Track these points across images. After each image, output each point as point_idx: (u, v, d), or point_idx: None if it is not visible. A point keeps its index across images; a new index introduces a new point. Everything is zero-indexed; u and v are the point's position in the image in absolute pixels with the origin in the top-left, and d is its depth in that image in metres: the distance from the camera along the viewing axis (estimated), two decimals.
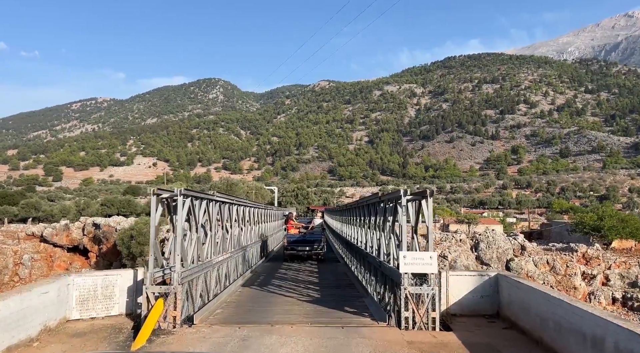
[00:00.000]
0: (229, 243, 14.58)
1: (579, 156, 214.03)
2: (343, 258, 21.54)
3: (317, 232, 25.62)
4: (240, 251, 15.95)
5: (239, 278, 15.28)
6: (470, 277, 10.50)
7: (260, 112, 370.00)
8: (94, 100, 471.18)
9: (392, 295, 10.18)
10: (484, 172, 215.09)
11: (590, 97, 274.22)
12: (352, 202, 23.61)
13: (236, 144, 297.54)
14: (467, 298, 10.40)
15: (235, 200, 15.31)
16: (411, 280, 9.19)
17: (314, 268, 20.28)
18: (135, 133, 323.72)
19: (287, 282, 15.79)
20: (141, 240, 20.96)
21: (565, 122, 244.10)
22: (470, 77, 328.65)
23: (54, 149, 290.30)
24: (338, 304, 11.59)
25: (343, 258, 21.54)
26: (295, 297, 13.02)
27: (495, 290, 10.41)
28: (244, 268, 17.03)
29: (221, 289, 12.94)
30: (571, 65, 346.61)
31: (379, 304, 11.20)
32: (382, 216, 12.05)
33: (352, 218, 20.28)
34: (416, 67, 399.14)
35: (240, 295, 13.32)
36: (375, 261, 12.41)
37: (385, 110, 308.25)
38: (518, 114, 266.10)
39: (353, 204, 18.88)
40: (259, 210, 23.18)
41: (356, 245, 17.41)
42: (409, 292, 9.07)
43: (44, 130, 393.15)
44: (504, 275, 10.41)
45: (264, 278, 17.11)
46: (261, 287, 14.78)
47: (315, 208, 78.14)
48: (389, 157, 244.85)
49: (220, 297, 12.31)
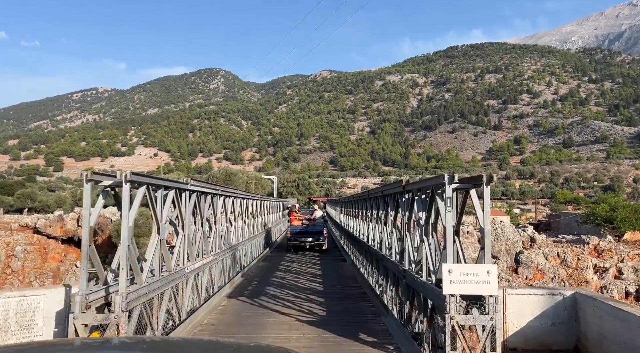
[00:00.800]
0: (212, 243, 11.80)
1: (582, 146, 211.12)
2: (349, 256, 18.84)
3: (320, 224, 26.04)
4: (228, 252, 13.08)
5: (225, 286, 12.37)
6: (536, 297, 7.60)
7: (262, 102, 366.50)
8: (95, 90, 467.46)
9: (426, 319, 7.35)
10: (486, 163, 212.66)
11: (594, 86, 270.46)
12: (361, 193, 20.89)
13: (237, 134, 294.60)
14: (532, 325, 7.53)
15: (221, 190, 12.47)
16: (459, 304, 6.32)
17: (316, 270, 17.38)
18: (136, 123, 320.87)
19: (285, 291, 12.83)
20: (137, 232, 19.12)
21: (568, 112, 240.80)
22: (472, 66, 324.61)
23: (54, 139, 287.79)
24: (350, 328, 8.57)
25: (349, 256, 18.84)
26: (294, 315, 9.95)
27: (572, 316, 7.55)
28: (234, 272, 14.22)
29: (200, 303, 10.17)
30: (575, 55, 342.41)
31: (404, 328, 8.34)
32: (406, 211, 9.01)
33: (360, 212, 17.55)
34: (418, 57, 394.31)
35: (223, 312, 10.39)
36: (396, 268, 9.29)
37: (387, 101, 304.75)
38: (521, 103, 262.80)
39: (362, 195, 16.06)
40: (254, 201, 20.44)
41: (366, 243, 14.60)
42: (458, 322, 6.20)
43: (45, 120, 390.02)
44: (588, 295, 7.46)
45: (257, 284, 14.20)
46: (252, 298, 11.78)
47: (316, 199, 75.53)
48: (391, 148, 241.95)
49: (197, 316, 9.46)
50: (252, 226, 19.01)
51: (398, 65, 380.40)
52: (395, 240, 10.29)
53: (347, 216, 23.90)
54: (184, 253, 9.38)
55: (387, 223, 11.26)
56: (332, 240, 27.55)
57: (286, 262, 20.11)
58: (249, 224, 18.34)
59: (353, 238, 19.72)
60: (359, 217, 17.84)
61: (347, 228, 23.36)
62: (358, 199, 18.83)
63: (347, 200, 25.57)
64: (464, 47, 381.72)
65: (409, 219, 8.98)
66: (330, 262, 19.48)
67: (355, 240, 18.49)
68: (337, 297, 12.21)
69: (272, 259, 21.13)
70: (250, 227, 18.55)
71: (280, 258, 21.25)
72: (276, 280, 14.49)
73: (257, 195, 25.13)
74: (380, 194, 10.90)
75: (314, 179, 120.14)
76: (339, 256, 22.21)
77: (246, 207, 17.49)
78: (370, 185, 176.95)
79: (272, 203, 28.98)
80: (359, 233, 17.70)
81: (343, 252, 22.55)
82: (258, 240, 21.18)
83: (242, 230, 16.46)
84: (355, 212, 19.69)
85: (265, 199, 26.51)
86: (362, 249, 16.24)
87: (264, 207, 24.15)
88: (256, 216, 20.61)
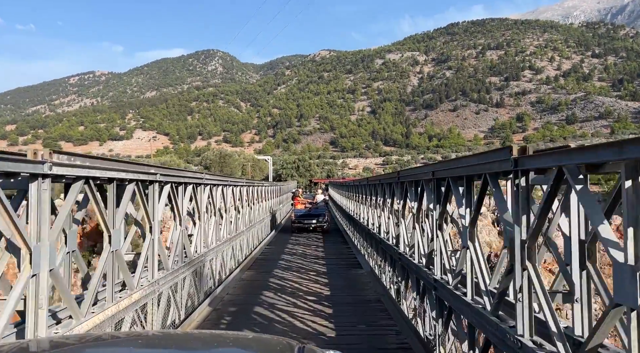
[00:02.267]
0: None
1: (586, 122, 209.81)
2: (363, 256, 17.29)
3: (321, 207, 28.16)
4: (188, 268, 8.46)
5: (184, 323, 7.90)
6: None
7: (260, 83, 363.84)
8: (92, 73, 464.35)
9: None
10: (489, 141, 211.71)
11: (597, 61, 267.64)
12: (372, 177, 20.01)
13: (236, 116, 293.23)
14: None
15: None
16: None
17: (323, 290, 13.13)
18: (134, 107, 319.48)
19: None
20: None
21: (571, 88, 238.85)
22: (474, 43, 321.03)
23: (52, 124, 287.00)
24: None
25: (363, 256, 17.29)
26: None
27: None
28: (198, 297, 9.41)
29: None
30: (577, 29, 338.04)
31: None
32: (438, 203, 6.47)
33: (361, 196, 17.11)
34: (418, 35, 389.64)
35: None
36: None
37: (387, 80, 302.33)
38: (523, 80, 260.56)
39: (372, 180, 15.18)
40: (260, 188, 19.93)
41: (366, 226, 14.88)
42: None
43: (43, 104, 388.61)
44: None
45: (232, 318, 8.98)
46: None
47: (318, 181, 74.52)
48: (392, 127, 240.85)
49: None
50: (257, 211, 19.09)
51: (398, 43, 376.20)
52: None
53: (349, 200, 23.67)
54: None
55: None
56: (333, 222, 28.77)
57: (291, 244, 20.48)
58: (255, 209, 18.23)
59: (354, 222, 19.80)
60: (360, 201, 17.84)
61: (349, 211, 23.31)
62: (359, 185, 18.76)
63: (349, 185, 25.28)
64: (464, 23, 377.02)
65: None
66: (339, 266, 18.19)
67: (357, 223, 18.61)
68: None
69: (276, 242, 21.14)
70: (256, 212, 18.66)
71: (286, 241, 21.69)
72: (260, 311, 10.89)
73: (261, 181, 25.00)
74: (396, 180, 10.42)
75: (315, 161, 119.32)
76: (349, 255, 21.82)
77: (252, 194, 17.32)
78: (372, 166, 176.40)
79: (276, 188, 30.26)
80: (359, 216, 17.86)
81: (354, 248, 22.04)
82: (265, 223, 21.87)
83: (249, 216, 16.29)
84: (356, 196, 19.54)
85: (269, 185, 27.07)
86: (362, 231, 16.51)
87: (269, 192, 24.91)
88: (261, 202, 20.39)
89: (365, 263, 14.74)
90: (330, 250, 19.01)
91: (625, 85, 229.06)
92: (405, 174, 9.25)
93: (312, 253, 17.62)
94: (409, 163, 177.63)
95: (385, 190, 11.32)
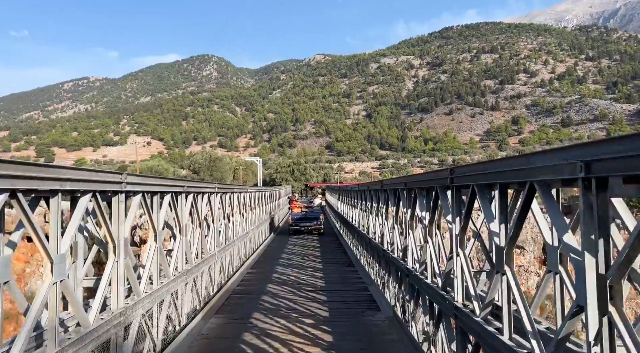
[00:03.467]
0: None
1: (581, 125, 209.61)
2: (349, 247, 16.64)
3: (317, 211, 30.05)
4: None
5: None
6: None
7: (255, 88, 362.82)
8: (86, 79, 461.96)
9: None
10: (485, 144, 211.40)
11: (591, 64, 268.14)
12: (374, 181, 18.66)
13: (231, 121, 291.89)
14: None
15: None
16: None
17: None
18: (128, 112, 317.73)
19: None
20: None
21: (566, 91, 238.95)
22: (468, 47, 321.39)
23: (46, 130, 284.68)
24: None
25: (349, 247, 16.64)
26: None
27: None
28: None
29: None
30: (571, 33, 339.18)
31: None
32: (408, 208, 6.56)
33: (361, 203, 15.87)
34: (413, 39, 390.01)
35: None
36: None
37: (382, 83, 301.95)
38: (518, 83, 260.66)
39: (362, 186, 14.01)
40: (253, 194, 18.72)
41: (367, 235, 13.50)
42: None
43: (36, 110, 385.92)
44: None
45: None
46: None
47: (314, 185, 72.01)
48: (388, 131, 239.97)
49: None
50: (252, 218, 17.92)
51: (393, 47, 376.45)
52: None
53: (348, 206, 22.56)
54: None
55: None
56: (328, 225, 30.55)
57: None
58: (247, 217, 16.96)
59: (354, 229, 18.65)
60: (360, 208, 16.62)
61: (347, 218, 22.21)
62: (358, 190, 17.56)
63: (347, 190, 24.20)
64: (459, 27, 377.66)
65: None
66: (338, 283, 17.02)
67: (356, 231, 17.60)
68: None
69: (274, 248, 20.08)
70: (250, 219, 17.66)
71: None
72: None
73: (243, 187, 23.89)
74: (380, 188, 9.43)
75: (311, 165, 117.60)
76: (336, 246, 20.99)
77: (243, 200, 16.14)
78: (368, 170, 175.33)
79: (274, 193, 31.00)
80: (358, 224, 16.80)
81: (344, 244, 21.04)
82: (261, 229, 21.73)
83: (241, 224, 14.99)
84: (355, 202, 18.42)
85: (264, 190, 26.46)
86: (362, 240, 15.42)
87: (266, 197, 25.01)
88: (254, 209, 19.24)
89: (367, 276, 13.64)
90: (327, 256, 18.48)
91: (620, 87, 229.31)
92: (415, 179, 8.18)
93: None
94: (405, 167, 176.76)
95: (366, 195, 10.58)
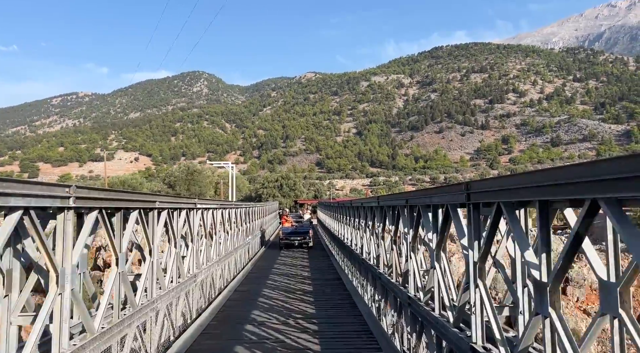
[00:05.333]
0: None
1: (571, 144, 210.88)
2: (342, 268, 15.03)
3: (307, 225, 30.93)
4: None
5: None
6: None
7: (246, 104, 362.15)
8: (75, 94, 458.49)
9: None
10: (475, 162, 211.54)
11: (579, 85, 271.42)
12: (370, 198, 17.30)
13: (221, 137, 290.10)
14: None
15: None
16: None
17: None
18: (117, 127, 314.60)
19: None
20: None
21: (555, 111, 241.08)
22: (458, 66, 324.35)
23: (31, 145, 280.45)
24: None
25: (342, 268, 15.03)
26: None
27: None
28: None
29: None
30: (558, 54, 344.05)
31: None
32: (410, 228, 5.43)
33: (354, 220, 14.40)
34: (403, 58, 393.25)
35: None
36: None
37: (372, 102, 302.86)
38: (507, 103, 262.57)
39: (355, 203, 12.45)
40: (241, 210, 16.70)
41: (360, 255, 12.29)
42: None
43: (23, 125, 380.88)
44: None
45: None
46: None
47: (304, 202, 69.56)
48: (378, 149, 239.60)
49: None
50: (240, 234, 15.95)
51: (383, 66, 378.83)
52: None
53: (340, 223, 21.06)
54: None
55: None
56: (317, 239, 31.70)
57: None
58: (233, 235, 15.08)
59: (345, 248, 17.32)
60: (352, 225, 15.30)
61: (338, 236, 20.86)
62: (351, 207, 16.11)
63: (340, 206, 22.71)
64: (448, 47, 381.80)
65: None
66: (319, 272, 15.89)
67: (347, 250, 16.41)
68: None
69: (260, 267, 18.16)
70: (240, 234, 16.12)
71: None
72: None
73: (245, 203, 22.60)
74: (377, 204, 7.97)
75: (301, 181, 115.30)
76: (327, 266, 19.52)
77: (229, 216, 14.23)
78: (359, 187, 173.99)
79: (264, 208, 31.45)
80: (351, 242, 15.62)
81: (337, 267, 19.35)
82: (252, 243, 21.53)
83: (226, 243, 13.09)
84: (348, 219, 16.87)
85: (255, 206, 26.71)
86: (354, 260, 14.36)
87: (258, 212, 25.23)
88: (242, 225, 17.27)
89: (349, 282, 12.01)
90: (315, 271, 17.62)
91: (608, 108, 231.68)
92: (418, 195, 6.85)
93: None
94: (397, 184, 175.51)
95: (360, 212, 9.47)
